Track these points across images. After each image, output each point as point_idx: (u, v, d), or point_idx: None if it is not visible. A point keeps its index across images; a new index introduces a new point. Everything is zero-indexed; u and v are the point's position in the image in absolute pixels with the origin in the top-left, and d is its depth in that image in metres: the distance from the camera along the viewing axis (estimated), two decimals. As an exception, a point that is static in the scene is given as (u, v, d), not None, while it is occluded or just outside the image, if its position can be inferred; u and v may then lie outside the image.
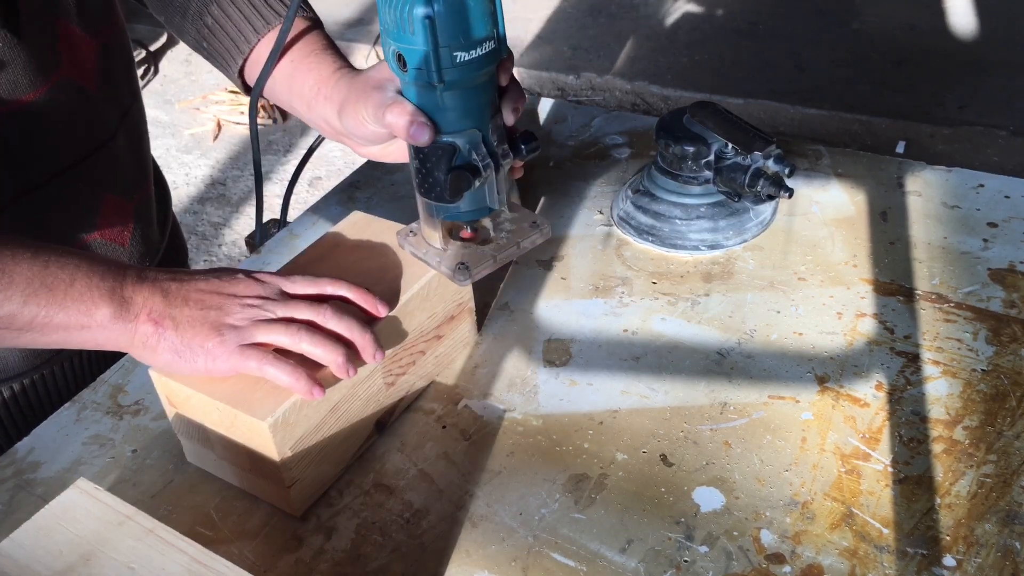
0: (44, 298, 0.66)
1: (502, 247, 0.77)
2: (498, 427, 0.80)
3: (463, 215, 0.74)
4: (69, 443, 0.82)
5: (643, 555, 0.68)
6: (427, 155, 0.70)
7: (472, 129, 0.69)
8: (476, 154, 0.70)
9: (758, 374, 0.83)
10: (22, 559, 0.59)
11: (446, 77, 0.65)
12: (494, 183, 0.72)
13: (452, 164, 0.70)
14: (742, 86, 3.10)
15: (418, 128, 0.68)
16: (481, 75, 0.67)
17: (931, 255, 0.94)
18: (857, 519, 0.69)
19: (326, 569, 0.70)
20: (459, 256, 0.76)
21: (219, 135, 3.35)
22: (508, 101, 0.71)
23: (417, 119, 0.68)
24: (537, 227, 0.78)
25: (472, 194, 0.72)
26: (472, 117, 0.69)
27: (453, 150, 0.69)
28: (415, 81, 0.67)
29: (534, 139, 0.73)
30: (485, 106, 0.70)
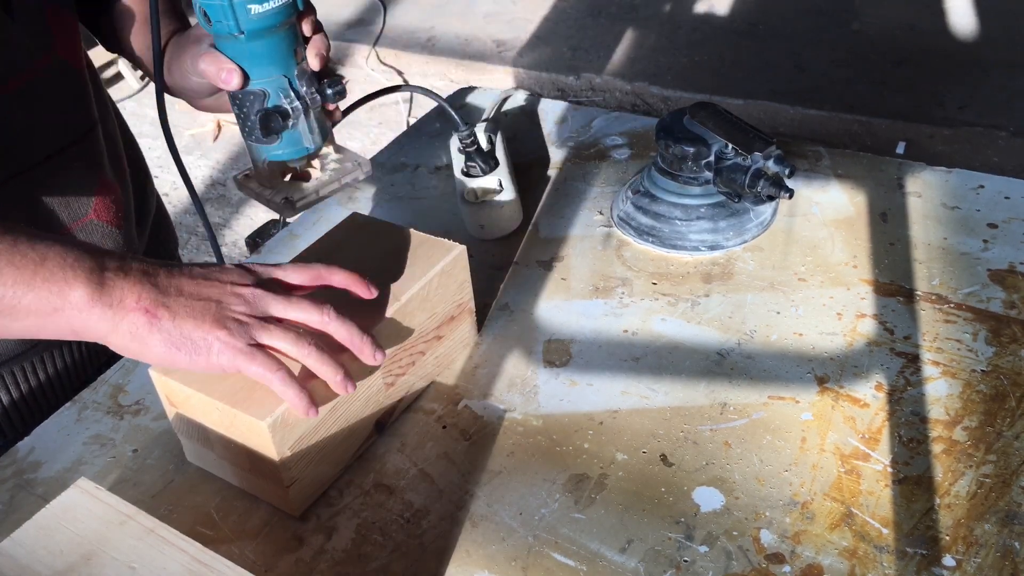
0: (10, 277, 0.61)
1: (325, 183, 0.84)
2: (498, 427, 0.80)
3: (284, 155, 0.81)
4: (70, 443, 0.82)
5: (643, 555, 0.68)
6: (241, 101, 0.78)
7: (279, 76, 0.77)
8: (285, 98, 0.78)
9: (758, 374, 0.83)
10: (23, 559, 0.59)
11: (244, 28, 0.73)
12: (306, 125, 0.79)
13: (263, 107, 0.77)
14: (742, 86, 3.10)
15: (227, 74, 0.75)
16: (279, 26, 0.75)
17: (931, 256, 0.94)
18: (857, 519, 0.69)
19: (326, 569, 0.70)
20: (285, 192, 0.83)
21: (219, 136, 3.35)
22: (312, 48, 0.78)
23: (225, 66, 0.75)
24: (359, 165, 0.85)
25: (289, 136, 0.79)
26: (277, 64, 0.76)
27: (263, 96, 0.77)
28: (219, 34, 0.75)
29: (340, 83, 0.80)
30: (288, 54, 0.77)
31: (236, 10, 0.72)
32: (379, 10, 3.82)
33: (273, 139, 0.79)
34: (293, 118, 0.78)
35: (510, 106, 1.32)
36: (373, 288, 0.74)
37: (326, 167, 0.85)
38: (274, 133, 0.78)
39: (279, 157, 0.81)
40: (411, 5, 3.93)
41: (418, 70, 3.59)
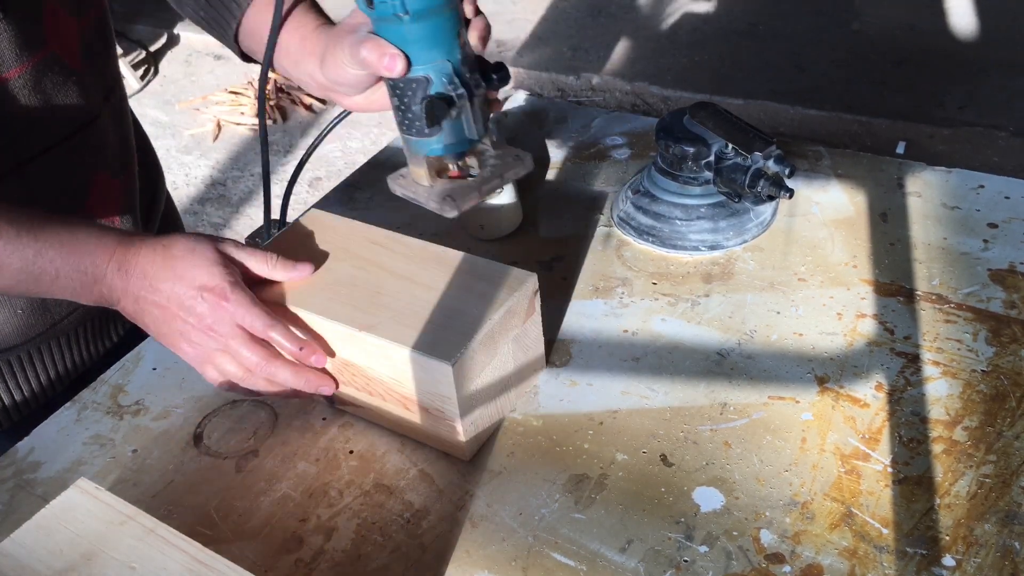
0: (32, 287, 0.75)
1: (486, 179, 0.78)
2: (498, 427, 0.80)
3: (445, 148, 0.75)
4: (69, 443, 0.82)
5: (643, 555, 0.68)
6: (403, 90, 0.72)
7: (442, 60, 0.71)
8: (449, 85, 0.72)
9: (758, 374, 0.83)
10: (23, 558, 0.59)
11: (410, 8, 0.67)
12: (469, 114, 0.74)
13: (426, 95, 0.72)
14: (742, 86, 3.10)
15: (391, 59, 0.70)
16: (444, 5, 0.69)
17: (931, 256, 0.94)
18: (857, 519, 0.69)
19: (326, 569, 0.70)
20: (445, 190, 0.77)
21: (219, 135, 3.35)
22: (474, 30, 0.74)
23: (389, 51, 0.70)
24: (520, 159, 0.79)
25: (450, 126, 0.73)
26: (441, 48, 0.71)
27: (427, 81, 0.71)
28: (382, 16, 0.70)
29: (504, 68, 0.75)
30: (452, 37, 0.71)
31: None
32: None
33: (435, 131, 0.73)
34: (458, 106, 0.72)
35: (510, 106, 1.32)
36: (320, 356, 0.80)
37: (485, 163, 0.79)
38: (439, 122, 0.72)
39: (439, 151, 0.75)
40: (411, 5, 3.93)
41: (418, 70, 3.58)
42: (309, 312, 0.77)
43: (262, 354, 0.76)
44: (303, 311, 0.78)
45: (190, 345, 0.77)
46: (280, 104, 3.49)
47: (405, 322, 0.75)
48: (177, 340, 0.77)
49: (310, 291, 0.79)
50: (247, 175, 3.12)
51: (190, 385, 0.87)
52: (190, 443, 0.81)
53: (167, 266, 0.75)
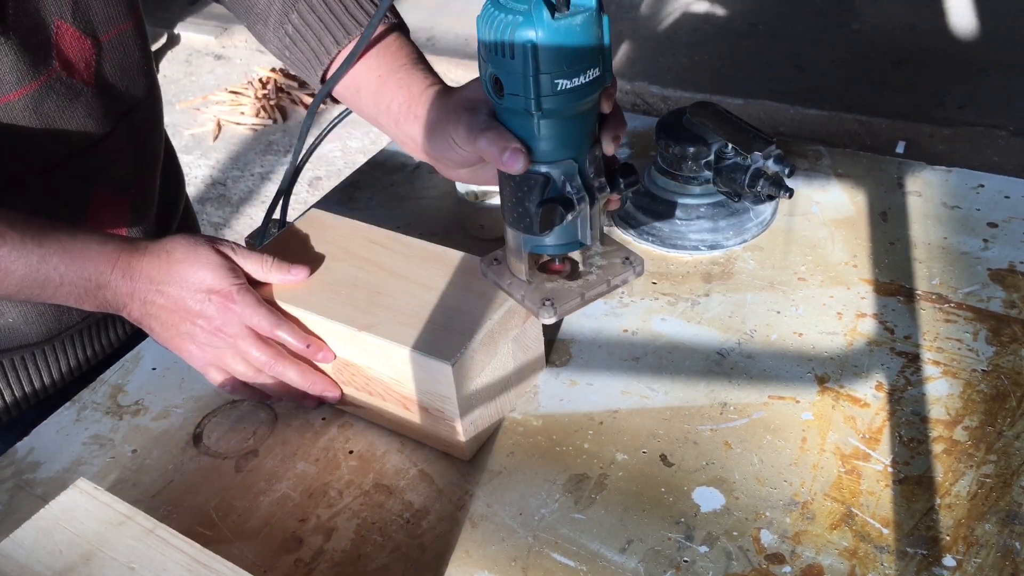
0: (37, 293, 0.75)
1: (591, 284, 0.72)
2: (498, 427, 0.80)
3: (552, 248, 0.69)
4: (69, 443, 0.82)
5: (643, 555, 0.68)
6: (518, 184, 0.66)
7: (568, 160, 0.65)
8: (571, 186, 0.65)
9: (758, 374, 0.83)
10: (22, 559, 0.59)
11: (545, 105, 0.61)
12: (587, 217, 0.68)
13: (544, 196, 0.65)
14: (742, 86, 3.10)
15: (512, 155, 0.64)
16: (582, 104, 0.63)
17: (931, 255, 0.94)
18: (857, 519, 0.69)
19: (326, 569, 0.70)
20: (545, 292, 0.71)
21: (219, 135, 3.35)
22: (608, 130, 0.67)
23: (511, 146, 0.64)
24: (630, 264, 0.73)
25: (563, 227, 0.67)
26: (569, 147, 0.65)
27: (547, 181, 0.65)
28: (511, 107, 0.63)
29: (634, 172, 0.68)
30: (584, 136, 0.65)
31: (540, 84, 0.60)
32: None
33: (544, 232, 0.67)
34: (577, 211, 0.66)
35: (510, 106, 1.31)
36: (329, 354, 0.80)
37: (589, 262, 0.74)
38: (553, 227, 0.66)
39: (544, 250, 0.70)
40: (411, 5, 3.93)
41: (418, 70, 3.58)
42: (309, 312, 0.77)
43: (270, 353, 0.77)
44: (303, 311, 0.78)
45: (198, 347, 0.78)
46: (280, 104, 3.49)
47: (405, 322, 0.75)
48: (184, 342, 0.78)
49: (310, 291, 0.79)
50: (247, 175, 3.12)
51: (190, 385, 0.87)
52: (190, 443, 0.81)
53: (172, 270, 0.76)
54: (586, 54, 0.60)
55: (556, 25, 0.58)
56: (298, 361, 0.79)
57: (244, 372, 0.79)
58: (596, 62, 0.61)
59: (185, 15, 4.10)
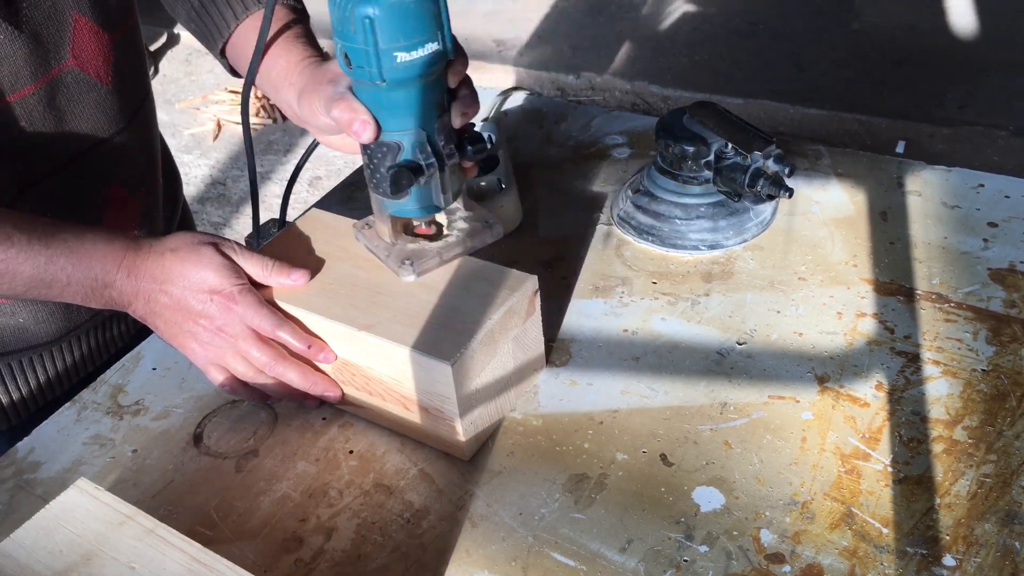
0: (44, 293, 0.75)
1: (451, 246, 0.78)
2: (498, 427, 0.80)
3: (410, 212, 0.75)
4: (69, 443, 0.82)
5: (643, 555, 0.68)
6: (372, 152, 0.72)
7: (416, 128, 0.70)
8: (420, 153, 0.71)
9: (758, 374, 0.83)
10: (23, 559, 0.59)
11: (387, 77, 0.66)
12: (438, 183, 0.73)
13: (395, 162, 0.71)
14: (742, 86, 3.10)
15: (361, 125, 0.70)
16: (425, 76, 0.68)
17: (931, 255, 0.94)
18: (857, 519, 0.69)
19: (326, 569, 0.70)
20: (406, 253, 0.77)
21: (219, 135, 3.35)
22: (458, 104, 0.73)
23: (360, 117, 0.70)
24: (489, 226, 0.79)
25: (418, 192, 0.73)
26: (416, 117, 0.70)
27: (397, 148, 0.71)
28: (359, 79, 0.68)
29: (481, 140, 0.74)
30: (431, 107, 0.70)
31: (381, 57, 0.65)
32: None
33: (400, 195, 0.73)
34: (426, 175, 0.72)
35: (510, 105, 1.31)
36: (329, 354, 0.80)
37: (453, 225, 0.79)
38: (403, 191, 0.72)
39: (404, 213, 0.76)
40: (411, 5, 3.93)
41: (418, 70, 3.59)
42: (309, 312, 0.77)
43: (271, 354, 0.77)
44: (303, 311, 0.78)
45: (200, 345, 0.78)
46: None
47: (405, 322, 0.75)
48: (187, 340, 0.78)
49: (310, 291, 0.79)
50: (247, 175, 3.12)
51: (190, 385, 0.87)
52: (190, 443, 0.81)
53: (174, 269, 0.76)
54: (423, 29, 0.65)
55: (392, 1, 0.64)
56: (299, 362, 0.79)
57: (245, 372, 0.79)
58: (435, 37, 0.66)
59: (185, 15, 4.09)
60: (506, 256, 1.00)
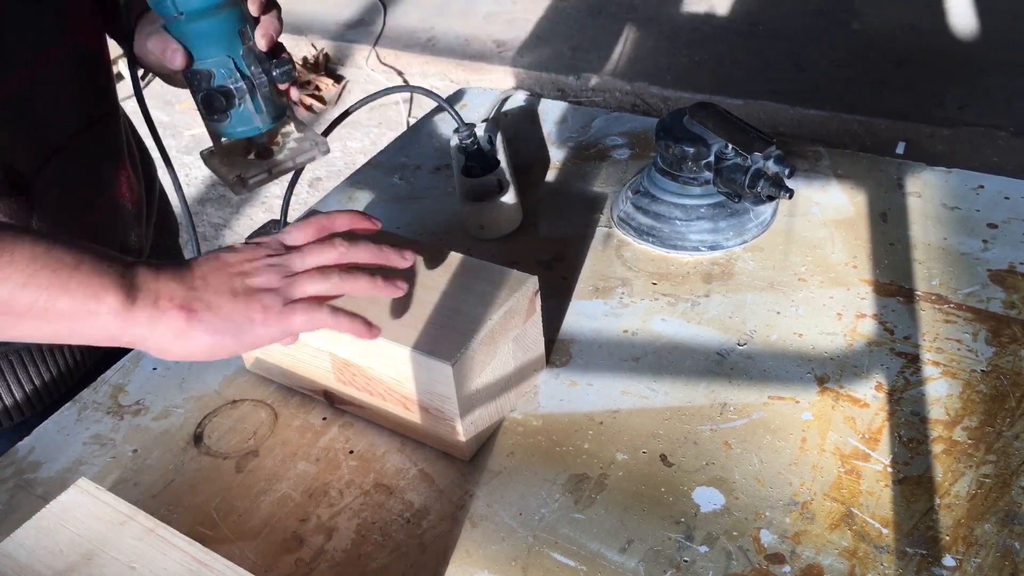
0: (46, 279, 0.61)
1: (279, 162, 0.84)
2: (498, 427, 0.80)
3: (236, 133, 0.81)
4: (70, 443, 0.82)
5: (643, 555, 0.68)
6: (190, 80, 0.79)
7: (223, 56, 0.77)
8: (230, 78, 0.78)
9: (758, 375, 0.83)
10: (23, 559, 0.59)
11: (183, 9, 0.74)
12: (253, 104, 0.80)
13: (209, 88, 0.78)
14: (742, 86, 3.10)
15: (171, 54, 0.76)
16: (221, 7, 0.75)
17: (931, 256, 0.94)
18: (857, 519, 0.69)
19: (326, 569, 0.70)
20: (239, 170, 0.82)
21: (219, 135, 3.35)
22: (261, 28, 0.79)
23: (170, 46, 0.76)
24: (316, 144, 0.85)
25: (237, 114, 0.80)
26: (221, 45, 0.77)
27: (209, 75, 0.78)
28: (163, 14, 0.76)
29: (286, 63, 0.80)
30: (232, 35, 0.77)
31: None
32: (379, 10, 3.82)
33: (222, 118, 0.80)
34: (238, 97, 0.79)
35: (510, 106, 1.32)
36: (376, 220, 0.76)
37: (285, 146, 0.85)
38: (217, 112, 0.79)
39: (231, 135, 0.82)
40: (411, 5, 3.93)
41: (418, 70, 3.59)
42: None
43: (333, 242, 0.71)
44: None
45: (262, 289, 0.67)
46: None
47: (405, 322, 0.75)
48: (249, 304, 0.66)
49: None
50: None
51: (190, 385, 0.87)
52: (190, 443, 0.81)
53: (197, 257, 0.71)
54: None
55: None
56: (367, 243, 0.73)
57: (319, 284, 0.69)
58: None
59: (185, 15, 4.10)
60: (506, 256, 1.00)
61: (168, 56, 0.76)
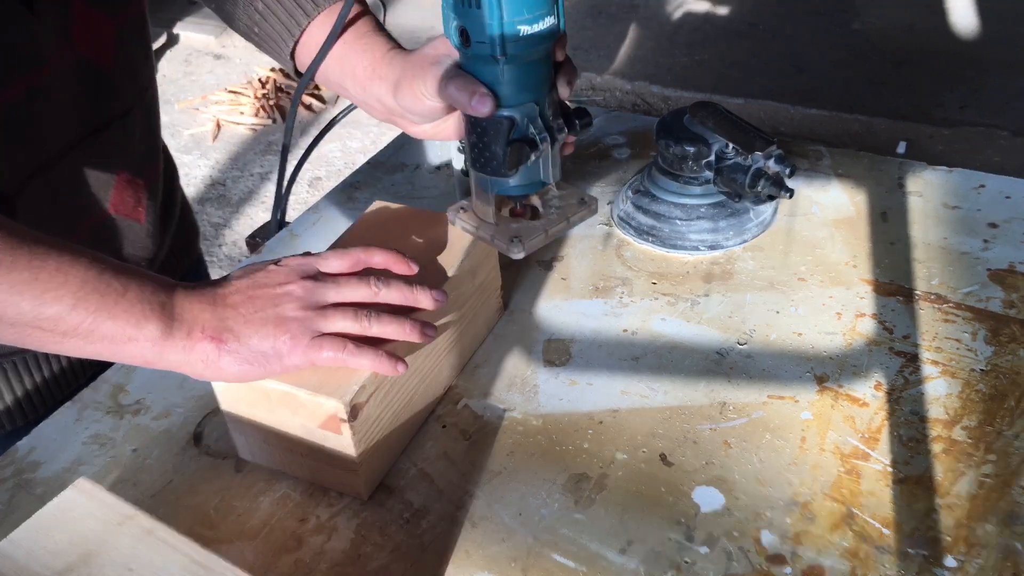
0: (95, 303, 0.64)
1: (552, 222, 0.78)
2: (498, 427, 0.80)
3: (517, 189, 0.75)
4: (69, 443, 0.82)
5: (643, 556, 0.68)
6: (485, 129, 0.72)
7: (530, 103, 0.71)
8: (533, 127, 0.72)
9: (758, 374, 0.83)
10: (22, 559, 0.59)
11: (509, 51, 0.67)
12: (548, 157, 0.74)
13: (510, 137, 0.71)
14: (742, 86, 3.10)
15: (480, 99, 0.69)
16: (541, 49, 0.69)
17: (931, 255, 0.94)
18: (857, 519, 0.69)
19: (326, 569, 0.70)
20: (512, 230, 0.77)
21: (218, 135, 3.35)
22: (563, 75, 0.73)
23: (479, 91, 0.69)
24: (585, 204, 0.80)
25: (526, 168, 0.73)
26: (531, 91, 0.71)
27: (512, 123, 0.71)
28: (477, 55, 0.69)
29: (587, 115, 0.75)
30: (543, 80, 0.71)
31: (505, 30, 0.66)
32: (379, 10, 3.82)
33: (512, 172, 0.73)
34: (540, 150, 0.73)
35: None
36: (413, 264, 0.76)
37: (549, 203, 0.80)
38: (520, 166, 0.73)
39: (510, 191, 0.76)
40: (411, 5, 3.93)
41: (418, 70, 3.58)
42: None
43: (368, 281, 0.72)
44: None
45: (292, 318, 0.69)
46: (280, 104, 3.49)
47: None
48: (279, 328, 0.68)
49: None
50: (247, 175, 3.12)
51: (190, 385, 0.87)
52: (190, 443, 0.81)
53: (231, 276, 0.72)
54: (543, 3, 0.67)
55: None
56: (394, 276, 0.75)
57: (349, 323, 0.70)
58: (552, 11, 0.68)
59: (185, 15, 4.10)
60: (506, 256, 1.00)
61: (475, 103, 0.69)
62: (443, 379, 0.83)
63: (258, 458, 0.78)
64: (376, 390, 0.72)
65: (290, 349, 0.68)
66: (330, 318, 0.70)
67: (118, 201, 0.91)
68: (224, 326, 0.68)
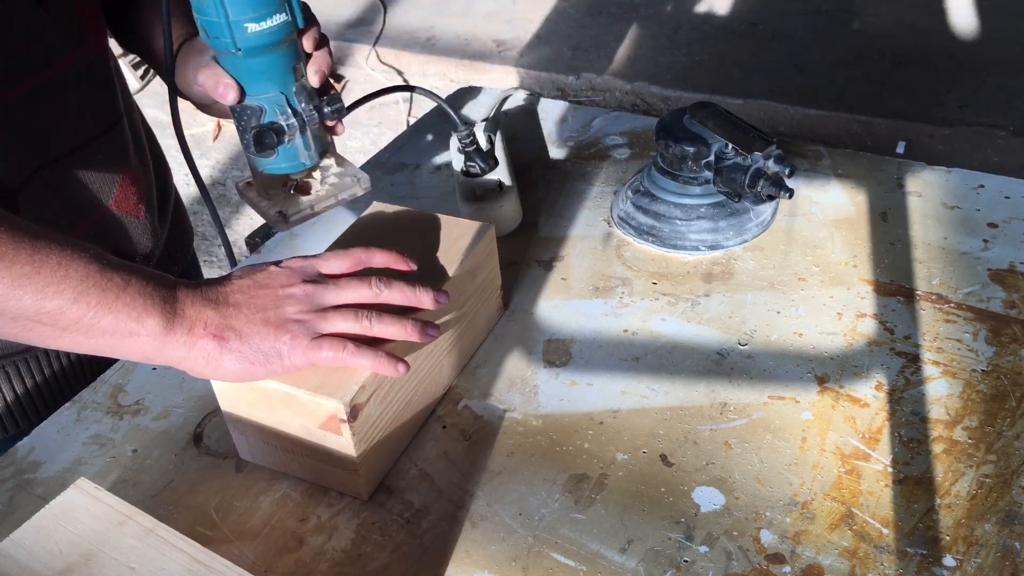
0: (96, 298, 0.64)
1: (321, 198, 0.84)
2: (498, 427, 0.80)
3: (280, 169, 0.81)
4: (69, 443, 0.82)
5: (643, 555, 0.68)
6: (239, 115, 0.78)
7: (276, 92, 0.77)
8: (281, 115, 0.78)
9: (758, 374, 0.83)
10: (22, 559, 0.59)
11: (241, 45, 0.73)
12: (302, 141, 0.80)
13: (259, 123, 0.78)
14: (742, 86, 3.10)
15: (224, 89, 0.76)
16: (278, 44, 0.75)
17: (931, 256, 0.94)
18: (857, 519, 0.69)
19: (326, 569, 0.70)
20: (280, 205, 0.83)
21: (219, 135, 3.35)
22: (313, 65, 0.79)
23: (223, 81, 0.76)
24: (357, 181, 0.85)
25: (285, 150, 0.80)
26: (274, 82, 0.77)
27: (260, 111, 0.77)
28: (219, 50, 0.75)
29: (338, 101, 0.80)
30: (287, 71, 0.77)
31: (233, 28, 0.72)
32: (379, 10, 3.82)
33: (269, 153, 0.79)
34: (288, 135, 0.79)
35: (510, 106, 1.32)
36: (412, 263, 0.76)
37: (325, 180, 0.85)
38: (268, 149, 0.79)
39: (276, 170, 0.81)
40: (411, 5, 3.93)
41: (418, 70, 3.59)
42: None
43: (369, 281, 0.72)
44: None
45: (293, 320, 0.69)
46: (280, 104, 3.48)
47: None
48: (279, 329, 0.68)
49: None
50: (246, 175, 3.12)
51: (190, 385, 0.87)
52: (190, 443, 0.81)
53: (233, 274, 0.72)
54: (268, 3, 0.73)
55: None
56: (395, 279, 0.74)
57: (351, 323, 0.70)
58: (282, 8, 0.74)
59: (185, 15, 4.10)
60: (506, 256, 1.00)
61: (220, 91, 0.76)
62: (443, 379, 0.83)
63: (258, 458, 0.78)
64: (376, 390, 0.72)
65: (291, 349, 0.68)
66: (331, 319, 0.70)
67: (121, 198, 0.92)
68: (226, 324, 0.68)
